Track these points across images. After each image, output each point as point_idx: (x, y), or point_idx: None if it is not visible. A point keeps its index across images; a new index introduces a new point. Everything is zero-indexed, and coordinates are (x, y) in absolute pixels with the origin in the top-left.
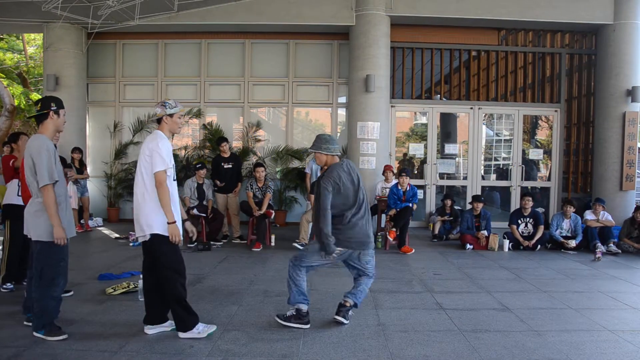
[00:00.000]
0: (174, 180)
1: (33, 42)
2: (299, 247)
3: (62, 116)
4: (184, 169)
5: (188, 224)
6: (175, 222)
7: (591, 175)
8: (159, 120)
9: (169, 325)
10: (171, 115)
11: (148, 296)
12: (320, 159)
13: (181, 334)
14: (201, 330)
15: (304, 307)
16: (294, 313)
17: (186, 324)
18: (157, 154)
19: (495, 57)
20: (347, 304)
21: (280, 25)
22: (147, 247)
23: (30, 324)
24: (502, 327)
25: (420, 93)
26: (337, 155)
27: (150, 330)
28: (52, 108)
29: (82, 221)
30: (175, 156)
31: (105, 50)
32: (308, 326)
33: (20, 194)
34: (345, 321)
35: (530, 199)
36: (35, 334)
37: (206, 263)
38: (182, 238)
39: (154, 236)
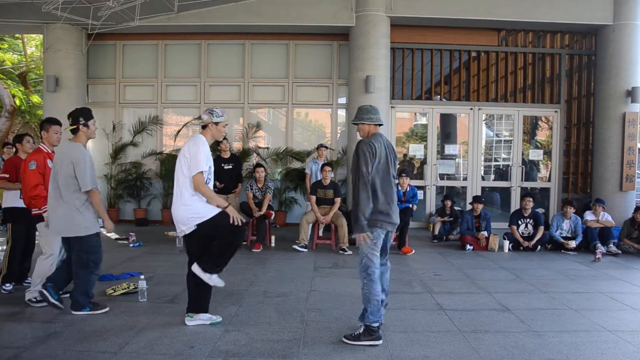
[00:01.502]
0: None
1: (32, 43)
2: (299, 249)
3: (92, 126)
4: None
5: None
6: (229, 205)
7: (591, 176)
8: (204, 126)
9: (207, 320)
10: (217, 124)
11: (194, 288)
12: (364, 130)
13: (190, 320)
14: (206, 319)
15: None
16: (363, 330)
17: (202, 305)
18: (197, 158)
19: (495, 57)
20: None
21: (280, 26)
22: (197, 236)
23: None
24: (502, 328)
25: (420, 94)
26: (380, 125)
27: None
28: (81, 122)
29: None
30: (176, 157)
31: (105, 51)
32: (381, 341)
33: (21, 196)
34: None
35: (531, 199)
36: (76, 313)
37: None
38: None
39: (204, 223)
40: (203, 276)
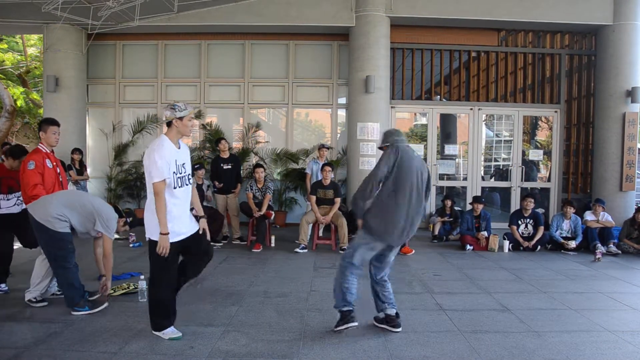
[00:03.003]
0: (176, 187)
1: (33, 42)
2: (299, 250)
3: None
4: None
5: (202, 222)
6: (167, 233)
7: (591, 176)
8: (168, 124)
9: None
10: (181, 119)
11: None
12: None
13: (154, 331)
14: (165, 332)
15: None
16: (339, 317)
17: (153, 325)
18: (154, 166)
19: (495, 57)
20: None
21: (280, 26)
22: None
23: None
24: (501, 328)
25: (420, 94)
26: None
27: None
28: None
29: None
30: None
31: (105, 51)
32: (356, 323)
33: (18, 203)
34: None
35: (532, 200)
36: (75, 313)
37: None
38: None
39: (150, 240)
40: (157, 333)
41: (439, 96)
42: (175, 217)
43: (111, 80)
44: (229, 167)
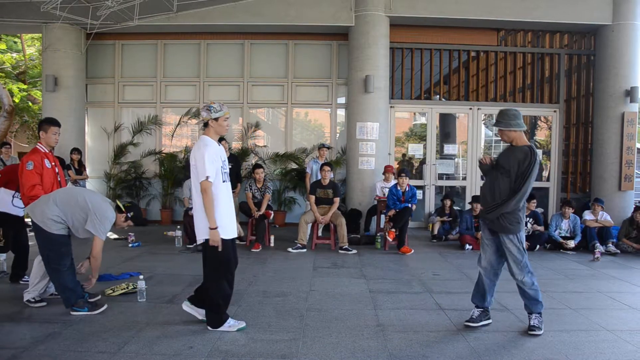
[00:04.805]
0: (224, 181)
1: (31, 41)
2: (293, 251)
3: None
4: (183, 169)
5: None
6: (216, 228)
7: (590, 176)
8: (205, 124)
9: (200, 315)
10: (216, 119)
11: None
12: (509, 136)
13: (210, 329)
14: (232, 324)
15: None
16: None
17: (216, 322)
18: (201, 163)
19: (495, 57)
20: None
21: (279, 26)
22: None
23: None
24: (501, 328)
25: (419, 93)
26: (525, 130)
27: (186, 307)
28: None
29: None
30: (175, 157)
31: (105, 51)
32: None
33: (15, 203)
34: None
35: (534, 201)
36: (74, 313)
37: None
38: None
39: (206, 240)
40: (220, 329)
41: (438, 96)
42: (228, 213)
43: (110, 79)
44: (229, 166)
